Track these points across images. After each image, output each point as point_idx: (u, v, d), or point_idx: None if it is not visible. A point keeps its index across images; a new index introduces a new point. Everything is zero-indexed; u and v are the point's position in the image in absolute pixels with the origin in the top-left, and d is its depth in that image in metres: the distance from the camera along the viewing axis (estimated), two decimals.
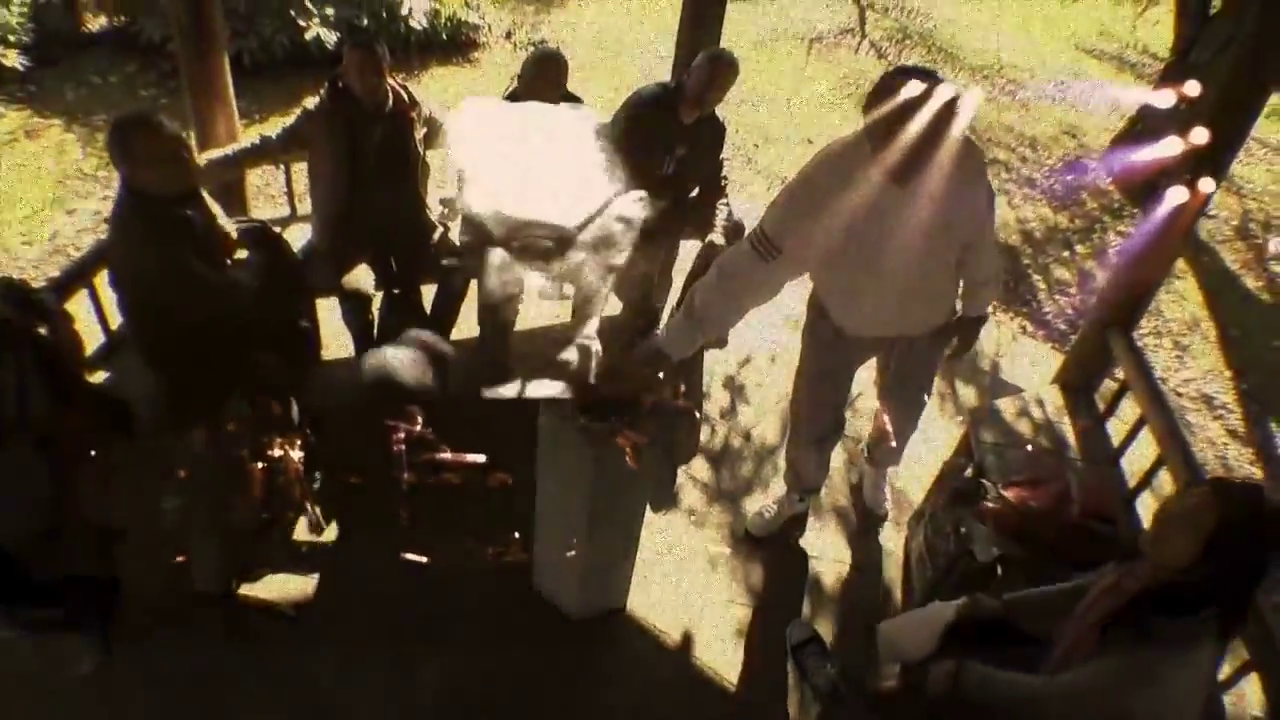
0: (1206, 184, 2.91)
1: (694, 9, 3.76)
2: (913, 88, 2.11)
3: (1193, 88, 3.41)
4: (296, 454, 2.76)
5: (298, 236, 3.62)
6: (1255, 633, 2.24)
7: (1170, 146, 2.94)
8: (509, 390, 3.12)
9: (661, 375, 2.57)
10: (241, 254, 2.87)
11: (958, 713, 2.06)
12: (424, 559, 2.79)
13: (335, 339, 3.37)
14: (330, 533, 3.08)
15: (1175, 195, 2.94)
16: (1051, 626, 2.08)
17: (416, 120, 3.29)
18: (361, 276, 3.25)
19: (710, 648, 2.92)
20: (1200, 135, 2.86)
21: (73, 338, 2.59)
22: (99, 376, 3.07)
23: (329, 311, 3.34)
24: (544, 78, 3.47)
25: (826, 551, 3.27)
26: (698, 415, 2.77)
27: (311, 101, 3.18)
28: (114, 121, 2.55)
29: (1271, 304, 6.42)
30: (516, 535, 2.81)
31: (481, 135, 3.34)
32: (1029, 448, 3.11)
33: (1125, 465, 3.12)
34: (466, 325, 3.44)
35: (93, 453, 2.50)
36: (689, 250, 3.81)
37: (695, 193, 3.74)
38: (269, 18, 6.85)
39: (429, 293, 3.47)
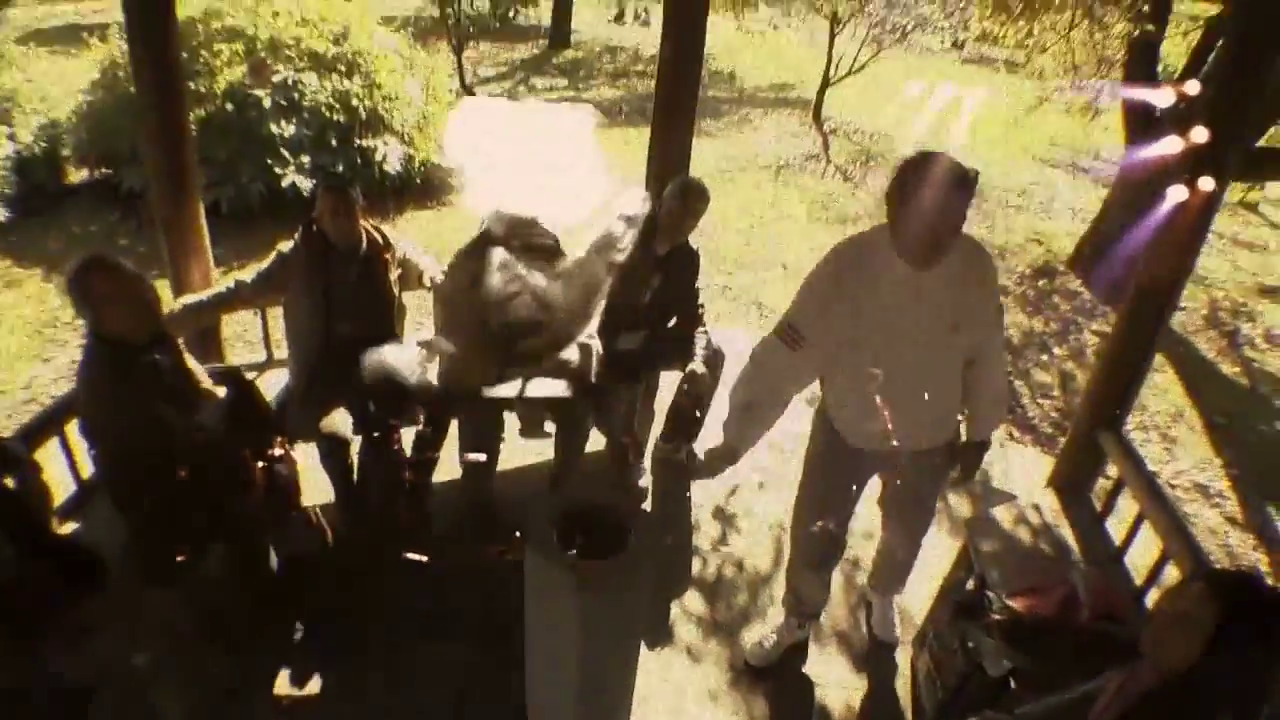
0: (1207, 183, 2.91)
1: (661, 144, 3.85)
2: (931, 160, 2.17)
3: (1193, 86, 3.47)
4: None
5: (275, 382, 3.58)
6: None
7: (1171, 144, 2.99)
8: (509, 389, 3.04)
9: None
10: (219, 391, 2.83)
11: None
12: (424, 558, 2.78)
13: (314, 484, 3.28)
14: (314, 684, 2.90)
15: (1176, 193, 2.96)
16: None
17: (391, 262, 3.31)
18: (339, 420, 3.18)
19: None
20: (1200, 134, 2.90)
21: (40, 487, 2.54)
22: (70, 527, 2.98)
23: (308, 456, 3.26)
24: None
25: (831, 678, 3.12)
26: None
27: (286, 245, 3.20)
28: (73, 265, 2.49)
29: (1250, 388, 6.50)
30: (518, 534, 2.69)
31: (481, 134, 3.35)
32: (1029, 554, 3.04)
33: (1129, 562, 3.06)
34: (445, 469, 3.37)
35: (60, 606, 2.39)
36: (670, 381, 3.80)
37: (673, 322, 3.74)
38: (246, 165, 7.02)
39: (408, 436, 3.38)
